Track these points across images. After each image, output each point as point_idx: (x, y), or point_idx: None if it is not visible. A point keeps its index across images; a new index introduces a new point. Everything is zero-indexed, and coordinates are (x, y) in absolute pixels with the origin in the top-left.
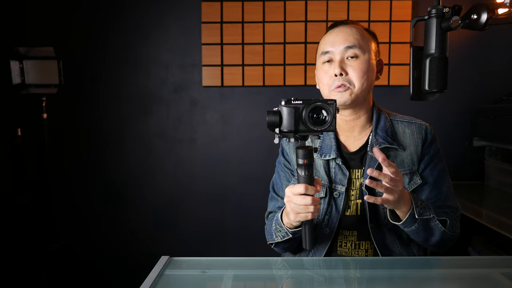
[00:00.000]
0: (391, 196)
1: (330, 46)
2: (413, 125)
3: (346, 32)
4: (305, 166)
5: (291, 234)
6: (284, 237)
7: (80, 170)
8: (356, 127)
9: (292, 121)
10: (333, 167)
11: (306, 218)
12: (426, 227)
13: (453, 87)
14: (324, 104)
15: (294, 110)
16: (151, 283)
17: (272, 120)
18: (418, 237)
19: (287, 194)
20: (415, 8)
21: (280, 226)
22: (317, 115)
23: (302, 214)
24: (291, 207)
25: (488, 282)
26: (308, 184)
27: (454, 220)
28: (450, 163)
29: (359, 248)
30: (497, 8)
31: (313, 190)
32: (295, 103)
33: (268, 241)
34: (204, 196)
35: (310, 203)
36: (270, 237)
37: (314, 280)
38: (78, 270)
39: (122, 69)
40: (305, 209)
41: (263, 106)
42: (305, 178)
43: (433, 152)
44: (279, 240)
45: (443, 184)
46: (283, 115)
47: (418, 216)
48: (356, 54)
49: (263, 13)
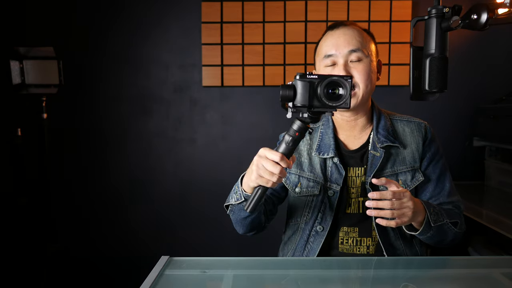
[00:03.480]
0: (404, 218)
1: (334, 49)
2: (412, 123)
3: (349, 34)
4: (293, 138)
5: (244, 197)
6: (238, 200)
7: (80, 170)
8: (357, 126)
9: (307, 96)
10: (330, 166)
11: (266, 185)
12: (440, 231)
13: (453, 87)
14: (341, 79)
15: (309, 84)
16: (151, 283)
17: (286, 94)
18: (432, 241)
19: (260, 153)
20: (415, 8)
21: (238, 187)
22: (333, 91)
23: (264, 179)
24: (258, 167)
25: (488, 282)
26: (285, 156)
27: (460, 216)
28: (450, 163)
29: (361, 245)
30: (497, 8)
31: (286, 163)
32: (310, 77)
33: (225, 203)
34: (204, 196)
35: (277, 172)
36: (227, 200)
37: (314, 280)
38: (78, 271)
39: (122, 69)
40: (270, 175)
41: (263, 106)
42: (287, 149)
43: (434, 149)
44: (233, 202)
45: (445, 180)
46: (298, 89)
47: (433, 224)
48: (359, 58)
49: (263, 13)
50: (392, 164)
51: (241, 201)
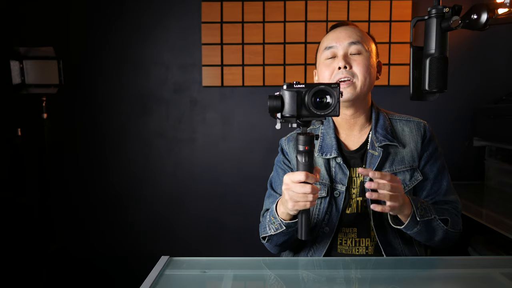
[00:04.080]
0: (397, 202)
1: (334, 42)
2: (411, 123)
3: (349, 30)
4: (305, 153)
5: (284, 226)
6: (278, 229)
7: (80, 170)
8: (356, 125)
9: (295, 106)
10: (334, 166)
11: (305, 207)
12: (429, 227)
13: (453, 87)
14: (328, 87)
15: (296, 94)
16: (151, 283)
17: (273, 105)
18: (421, 238)
19: (286, 181)
20: (415, 8)
21: (274, 218)
22: (320, 99)
23: (301, 203)
24: (290, 195)
25: (488, 282)
26: (308, 172)
27: (455, 216)
28: (450, 163)
29: (359, 245)
30: (497, 8)
31: (313, 178)
32: (297, 87)
33: (261, 235)
34: (204, 196)
35: (310, 191)
36: (264, 231)
37: (314, 280)
38: (78, 271)
39: (122, 69)
40: (304, 197)
41: (263, 106)
42: (305, 165)
43: (432, 148)
44: (272, 232)
45: (443, 179)
46: (285, 99)
47: (419, 218)
48: (359, 51)
49: (263, 13)
50: (391, 163)
51: (282, 230)
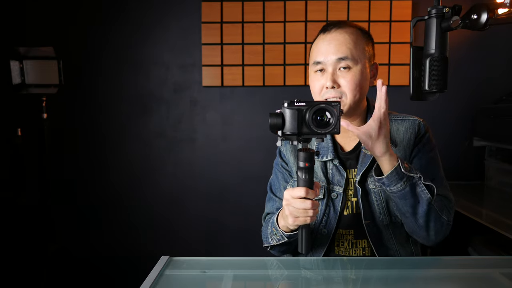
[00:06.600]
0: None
1: (322, 56)
2: (407, 122)
3: (339, 40)
4: (306, 169)
5: (286, 237)
6: (280, 240)
7: (80, 170)
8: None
9: (295, 124)
10: (331, 168)
11: (305, 222)
12: (413, 191)
13: (453, 87)
14: (328, 106)
15: (297, 112)
16: (151, 283)
17: (274, 123)
18: (405, 205)
19: (286, 197)
20: (415, 8)
21: (276, 229)
22: (321, 117)
23: (301, 218)
24: (290, 210)
25: (488, 282)
26: (308, 188)
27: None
28: (450, 163)
29: (356, 247)
30: (497, 8)
31: (313, 194)
32: (298, 105)
33: (264, 244)
34: (204, 196)
35: (310, 207)
36: (266, 240)
37: (314, 280)
38: (78, 271)
39: (122, 69)
40: (304, 213)
41: (263, 106)
42: (306, 181)
43: (423, 142)
44: (275, 243)
45: (433, 173)
46: (286, 117)
47: (404, 171)
48: (348, 66)
49: (263, 13)
50: None
51: (284, 241)
